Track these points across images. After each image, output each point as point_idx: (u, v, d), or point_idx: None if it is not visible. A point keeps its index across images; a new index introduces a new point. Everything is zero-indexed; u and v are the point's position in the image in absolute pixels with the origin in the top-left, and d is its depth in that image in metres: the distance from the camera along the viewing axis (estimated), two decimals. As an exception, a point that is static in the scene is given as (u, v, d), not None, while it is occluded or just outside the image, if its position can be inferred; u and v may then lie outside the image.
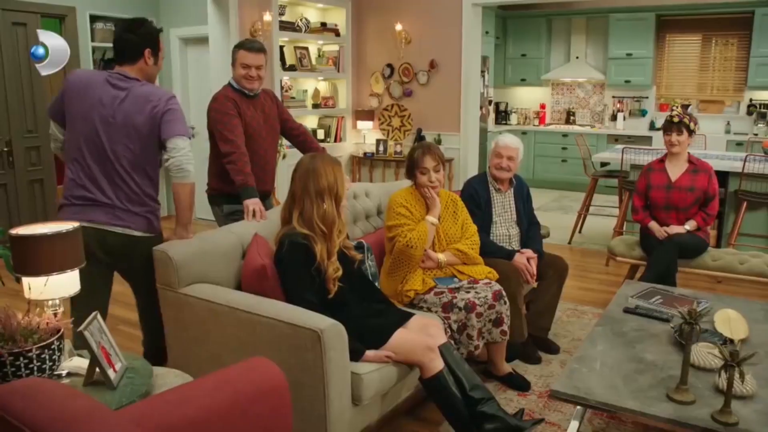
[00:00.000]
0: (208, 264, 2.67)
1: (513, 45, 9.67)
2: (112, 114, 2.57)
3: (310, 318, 2.32)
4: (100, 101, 2.57)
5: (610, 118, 9.35)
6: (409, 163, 3.28)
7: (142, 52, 2.65)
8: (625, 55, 8.84)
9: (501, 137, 3.70)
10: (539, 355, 3.55)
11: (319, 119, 7.27)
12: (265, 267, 2.59)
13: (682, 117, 4.01)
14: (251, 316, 2.40)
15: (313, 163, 2.65)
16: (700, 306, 2.97)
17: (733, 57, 8.56)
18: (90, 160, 2.60)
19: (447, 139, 6.65)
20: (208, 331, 2.56)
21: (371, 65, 7.18)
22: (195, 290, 2.59)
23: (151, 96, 2.60)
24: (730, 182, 5.26)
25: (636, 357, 2.49)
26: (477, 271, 3.23)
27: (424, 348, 2.56)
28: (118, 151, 2.59)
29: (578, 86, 9.66)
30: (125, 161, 2.61)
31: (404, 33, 6.80)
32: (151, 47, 2.67)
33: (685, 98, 8.93)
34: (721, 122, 8.64)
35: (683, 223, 4.07)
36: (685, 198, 4.05)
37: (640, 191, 4.23)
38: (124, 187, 2.63)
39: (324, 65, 7.09)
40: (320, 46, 7.19)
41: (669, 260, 3.91)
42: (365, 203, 3.67)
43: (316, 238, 2.59)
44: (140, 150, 2.63)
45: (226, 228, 2.96)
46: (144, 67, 2.67)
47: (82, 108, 2.58)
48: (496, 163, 3.63)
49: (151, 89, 2.63)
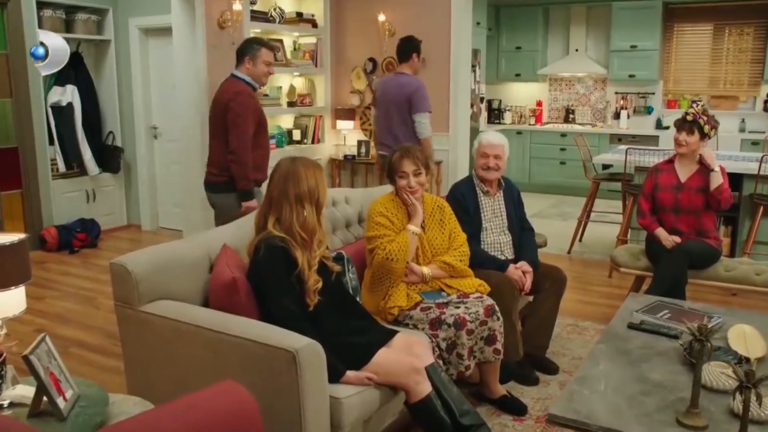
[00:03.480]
0: (172, 278, 2.65)
1: (507, 37, 9.73)
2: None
3: (284, 337, 2.31)
4: None
5: (613, 117, 9.43)
6: (387, 170, 3.30)
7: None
8: (629, 47, 8.92)
9: (483, 135, 3.72)
10: (536, 376, 3.56)
11: (294, 119, 7.26)
12: (235, 281, 2.57)
13: (697, 117, 4.03)
14: (219, 335, 2.38)
15: (294, 166, 2.65)
16: (712, 321, 2.98)
17: (748, 48, 8.63)
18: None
19: (435, 140, 6.63)
20: (171, 353, 2.54)
21: (352, 59, 7.18)
22: (157, 308, 2.56)
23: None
24: (744, 185, 5.29)
25: (642, 377, 2.50)
26: (466, 285, 3.23)
27: (410, 369, 2.56)
28: None
29: (578, 81, 9.74)
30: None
31: (388, 24, 6.82)
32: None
33: (695, 94, 9.00)
34: (735, 120, 8.72)
35: (693, 228, 4.10)
36: (695, 199, 4.09)
37: (647, 193, 4.27)
38: None
39: (300, 59, 7.08)
40: (296, 39, 7.18)
41: (678, 271, 3.94)
42: (345, 210, 3.67)
43: (296, 245, 2.59)
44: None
45: (191, 239, 2.94)
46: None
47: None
48: (482, 164, 3.65)
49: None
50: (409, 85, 5.24)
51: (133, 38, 7.06)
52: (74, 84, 6.74)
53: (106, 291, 5.00)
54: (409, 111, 5.19)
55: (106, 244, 6.77)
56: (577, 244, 6.46)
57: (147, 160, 7.31)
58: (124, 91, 7.26)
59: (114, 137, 7.26)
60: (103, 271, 5.67)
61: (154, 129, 7.26)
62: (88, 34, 6.94)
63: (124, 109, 7.29)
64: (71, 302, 4.96)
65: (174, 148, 6.82)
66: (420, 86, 5.25)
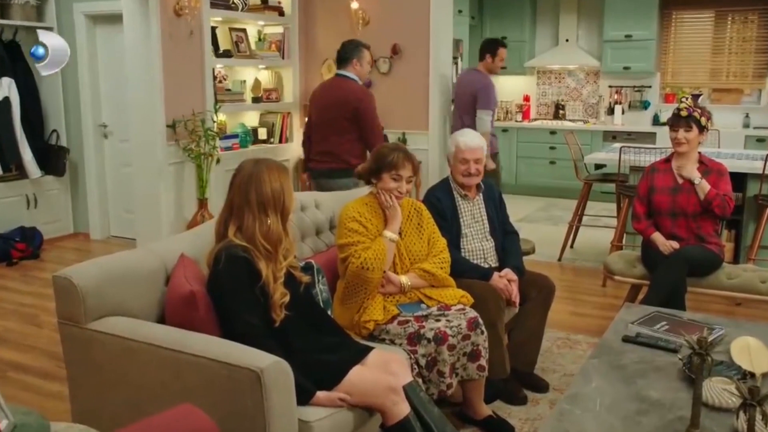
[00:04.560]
0: (123, 292, 2.63)
1: (491, 26, 9.80)
2: None
3: (248, 355, 2.30)
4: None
5: (607, 112, 9.54)
6: (376, 164, 3.26)
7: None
8: (624, 36, 9.03)
9: (460, 138, 3.71)
10: (524, 394, 3.58)
11: (260, 116, 7.24)
12: (193, 294, 2.56)
13: (692, 110, 4.09)
14: (176, 354, 2.37)
15: (256, 169, 2.65)
16: (713, 333, 3.02)
17: (752, 37, 8.74)
18: None
19: (413, 138, 6.69)
20: (122, 375, 2.52)
21: (322, 51, 7.19)
22: (107, 325, 2.54)
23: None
24: (749, 186, 5.34)
25: (638, 395, 2.52)
26: (448, 296, 3.25)
27: (386, 389, 2.56)
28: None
29: (568, 74, 9.84)
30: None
31: (361, 12, 6.84)
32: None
33: (695, 87, 9.11)
34: (739, 114, 8.84)
35: (693, 233, 4.15)
36: (694, 202, 4.13)
37: (642, 195, 4.32)
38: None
39: (266, 50, 7.07)
40: (261, 28, 7.18)
41: (676, 279, 3.98)
42: (315, 216, 3.67)
43: (259, 255, 2.59)
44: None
45: (145, 248, 2.92)
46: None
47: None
48: (463, 170, 3.66)
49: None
50: (477, 82, 6.16)
51: (78, 26, 6.99)
52: (11, 77, 6.63)
53: (48, 307, 4.93)
54: (473, 106, 6.09)
55: (49, 255, 6.69)
56: (568, 251, 6.52)
57: (96, 161, 7.23)
58: (69, 85, 7.18)
59: (58, 136, 7.18)
60: (45, 285, 5.59)
61: (103, 127, 7.19)
62: (27, 20, 6.82)
63: (70, 105, 7.21)
64: (9, 321, 4.89)
65: (126, 148, 6.76)
66: (487, 84, 6.13)
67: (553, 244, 6.56)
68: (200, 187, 6.06)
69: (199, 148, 5.94)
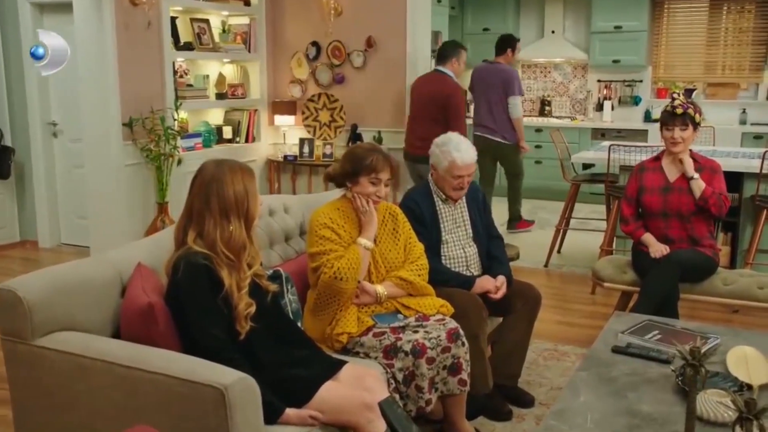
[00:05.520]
0: (75, 305, 2.60)
1: (472, 17, 9.86)
2: None
3: (210, 371, 2.29)
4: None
5: (595, 108, 9.62)
6: (353, 166, 3.22)
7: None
8: (613, 28, 9.10)
9: (456, 155, 3.56)
10: (509, 409, 3.60)
11: (225, 113, 7.22)
12: (151, 306, 2.54)
13: (686, 107, 4.12)
14: (133, 371, 2.35)
15: (218, 171, 2.64)
16: (708, 343, 3.05)
17: (749, 28, 8.82)
18: None
19: (390, 137, 6.70)
20: (73, 396, 2.49)
21: (292, 44, 7.18)
22: (56, 341, 2.51)
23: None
24: (745, 186, 5.37)
25: (629, 409, 2.54)
26: (427, 305, 3.25)
27: (360, 405, 2.56)
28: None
29: (554, 68, 9.91)
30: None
31: (333, 3, 6.83)
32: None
33: (689, 81, 9.21)
34: (735, 110, 8.93)
35: (686, 235, 4.18)
36: (687, 201, 4.16)
37: (630, 196, 4.35)
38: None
39: (230, 43, 7.05)
40: (225, 19, 7.15)
41: (668, 285, 4.01)
42: (284, 221, 3.66)
43: (221, 263, 2.58)
44: None
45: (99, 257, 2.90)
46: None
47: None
48: (455, 185, 3.63)
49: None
50: (504, 72, 7.17)
51: (23, 15, 6.89)
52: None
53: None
54: (505, 94, 7.05)
55: (-7, 265, 6.62)
56: (555, 256, 6.56)
57: (45, 163, 7.14)
58: (14, 80, 7.08)
59: (2, 135, 7.08)
60: (-9, 297, 5.52)
61: (52, 125, 7.11)
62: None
63: (15, 101, 7.12)
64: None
65: (78, 149, 6.69)
66: (514, 73, 7.25)
67: (539, 248, 6.60)
68: (160, 191, 6.02)
69: (158, 148, 5.90)
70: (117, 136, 5.80)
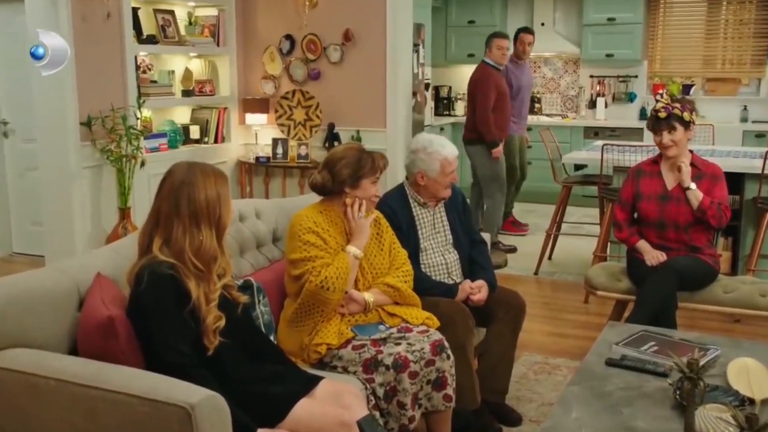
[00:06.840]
0: (27, 319, 2.57)
1: (457, 9, 9.88)
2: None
3: (176, 389, 2.28)
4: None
5: (588, 105, 9.67)
6: (353, 170, 3.23)
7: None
8: (607, 20, 9.15)
9: (443, 150, 3.63)
10: (499, 426, 3.61)
11: (192, 111, 7.19)
12: (112, 320, 2.53)
13: (670, 109, 4.11)
14: (91, 390, 2.33)
15: (190, 173, 2.63)
16: (707, 355, 3.07)
17: (750, 20, 8.86)
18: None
19: (369, 137, 6.69)
20: (26, 419, 2.47)
21: (264, 37, 7.17)
22: (6, 358, 2.49)
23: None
24: (747, 187, 5.40)
25: (624, 425, 2.56)
26: (413, 315, 3.27)
27: (338, 424, 2.55)
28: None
29: (544, 63, 9.95)
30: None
31: (308, -8, 6.84)
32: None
33: (686, 76, 9.25)
34: (736, 107, 8.99)
35: (684, 244, 4.20)
36: (685, 212, 4.17)
37: (625, 200, 4.37)
38: None
39: (197, 36, 7.03)
40: (191, 10, 7.13)
41: (666, 293, 4.03)
42: (256, 227, 3.65)
43: (188, 273, 2.56)
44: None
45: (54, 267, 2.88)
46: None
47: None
48: (448, 183, 3.66)
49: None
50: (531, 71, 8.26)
51: (-30, 6, 6.86)
52: None
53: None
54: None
55: (-59, 276, 6.54)
56: (545, 263, 6.57)
57: (-5, 165, 7.11)
58: (-39, 76, 7.03)
59: (-51, 136, 7.05)
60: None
61: (3, 125, 7.07)
62: None
63: (-38, 99, 7.08)
64: None
65: (32, 150, 6.63)
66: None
67: (529, 255, 6.62)
68: (122, 195, 5.97)
69: (119, 149, 5.86)
70: (74, 137, 5.74)
